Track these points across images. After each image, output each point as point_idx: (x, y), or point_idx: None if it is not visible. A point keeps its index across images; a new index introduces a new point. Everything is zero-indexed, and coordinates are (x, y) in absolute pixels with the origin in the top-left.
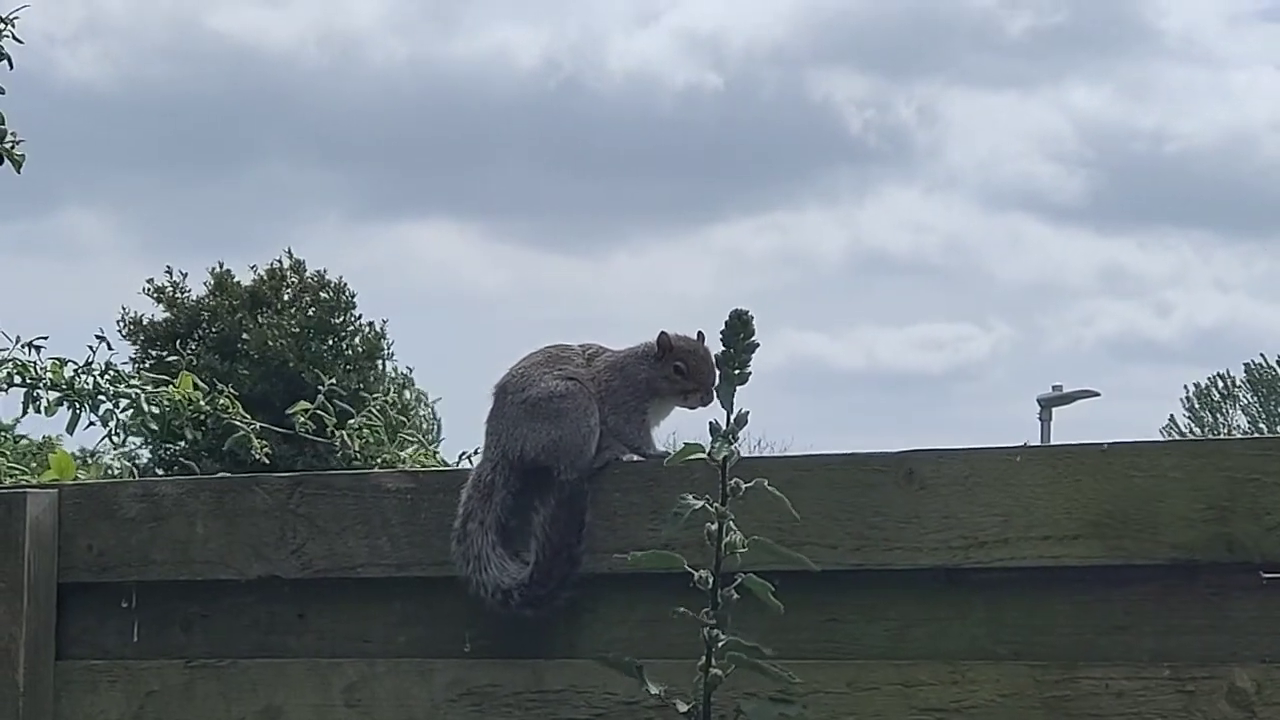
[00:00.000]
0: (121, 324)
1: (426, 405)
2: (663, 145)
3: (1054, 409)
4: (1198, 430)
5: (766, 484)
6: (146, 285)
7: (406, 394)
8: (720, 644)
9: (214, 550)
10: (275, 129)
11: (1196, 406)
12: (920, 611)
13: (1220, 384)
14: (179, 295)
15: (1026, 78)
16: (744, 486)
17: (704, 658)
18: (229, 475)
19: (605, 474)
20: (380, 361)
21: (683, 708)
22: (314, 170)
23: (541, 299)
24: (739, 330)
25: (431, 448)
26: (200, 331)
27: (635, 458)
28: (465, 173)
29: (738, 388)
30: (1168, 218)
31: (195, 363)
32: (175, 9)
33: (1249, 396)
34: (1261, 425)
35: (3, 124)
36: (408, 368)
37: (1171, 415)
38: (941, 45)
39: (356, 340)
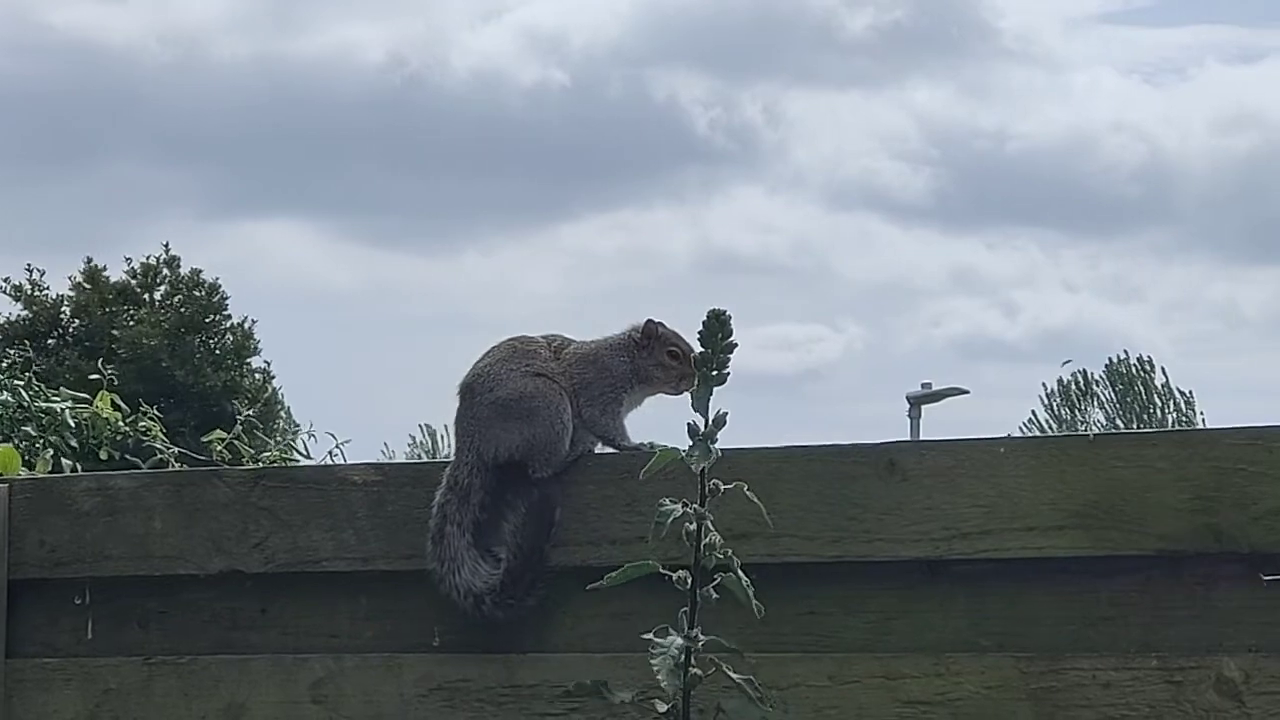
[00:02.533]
0: None
1: (282, 405)
2: (510, 143)
3: (923, 406)
4: (1054, 427)
5: (746, 489)
6: (3, 283)
7: (270, 389)
8: (700, 644)
9: (173, 545)
10: (120, 126)
11: (1057, 403)
12: (902, 604)
13: (1079, 381)
14: (38, 293)
15: (869, 77)
16: (723, 488)
17: (683, 658)
18: (188, 469)
19: (579, 467)
20: (248, 360)
21: (662, 708)
22: (161, 168)
23: (394, 298)
24: (717, 330)
25: (290, 441)
26: (60, 330)
27: (609, 450)
28: (314, 171)
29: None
30: (1012, 217)
31: (60, 363)
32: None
33: (1107, 393)
34: (1118, 421)
35: None
36: (266, 361)
37: (1033, 411)
38: (783, 45)
39: (228, 339)
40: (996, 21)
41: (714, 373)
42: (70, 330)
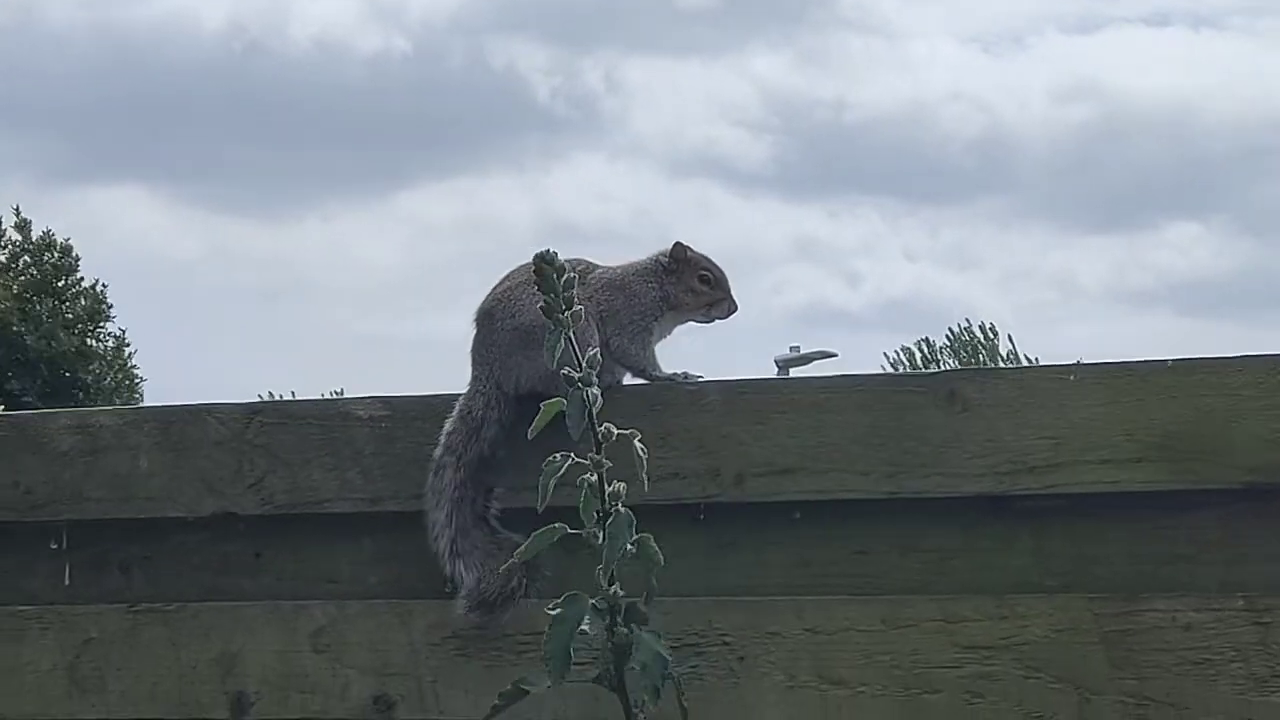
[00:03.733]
0: None
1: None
2: (351, 111)
3: (791, 370)
4: None
5: (638, 441)
6: None
7: (126, 354)
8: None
9: (159, 486)
10: None
11: (902, 370)
12: (962, 542)
13: (924, 349)
14: None
15: (709, 44)
16: (615, 433)
17: (607, 621)
18: (176, 405)
19: (606, 400)
20: (101, 325)
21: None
22: None
23: (235, 264)
24: (549, 271)
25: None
26: None
27: (639, 381)
28: (155, 137)
29: None
30: (854, 186)
31: None
32: None
33: (951, 361)
34: None
35: None
36: (121, 328)
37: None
38: (623, 12)
39: (80, 302)
40: None
41: (565, 313)
42: None
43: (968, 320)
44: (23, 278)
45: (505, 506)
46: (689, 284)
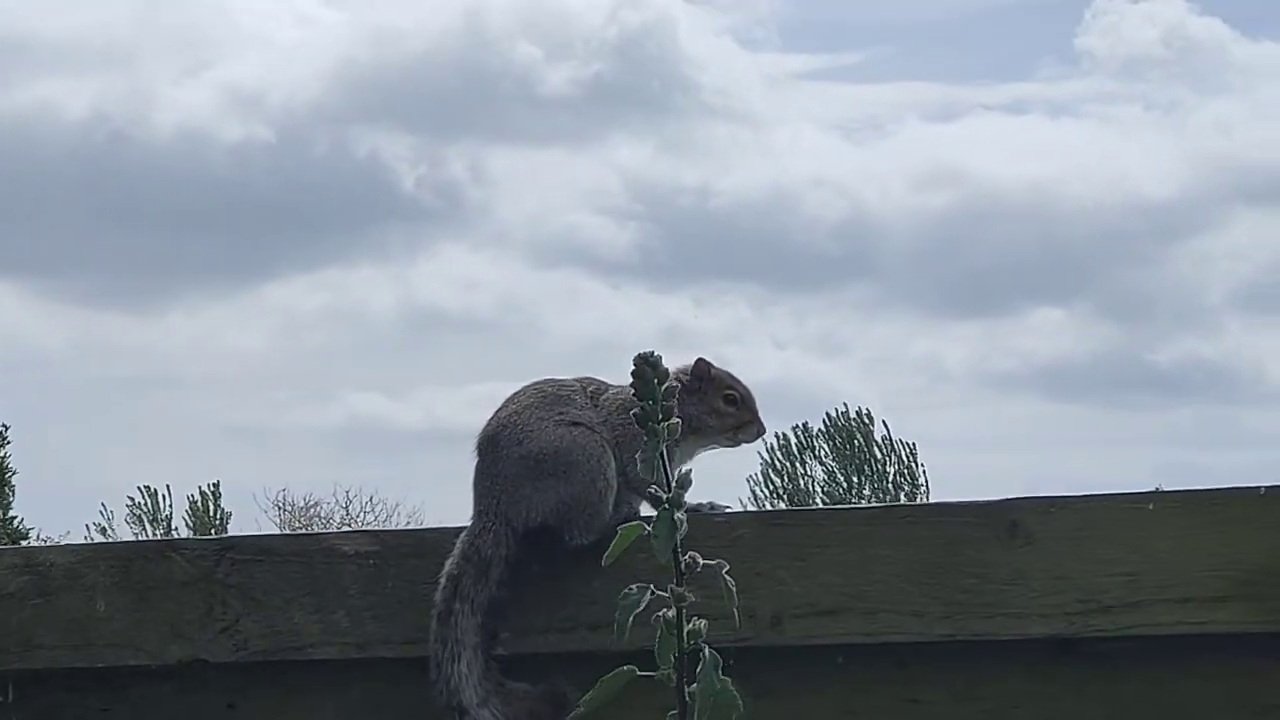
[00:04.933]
0: None
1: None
2: (216, 201)
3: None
4: (778, 481)
5: (726, 571)
6: None
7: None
8: None
9: (120, 630)
10: None
11: (779, 457)
12: (1026, 690)
13: (800, 434)
14: None
15: (571, 133)
16: (701, 562)
17: None
18: (137, 540)
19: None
20: None
21: None
22: None
23: (104, 358)
24: (650, 376)
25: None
26: None
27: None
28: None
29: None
30: (719, 273)
31: None
32: None
33: (826, 446)
34: (840, 476)
35: None
36: (4, 425)
37: (762, 465)
38: (485, 102)
39: None
40: (697, 76)
41: (660, 424)
42: None
43: (845, 404)
44: None
45: (511, 653)
46: (713, 404)
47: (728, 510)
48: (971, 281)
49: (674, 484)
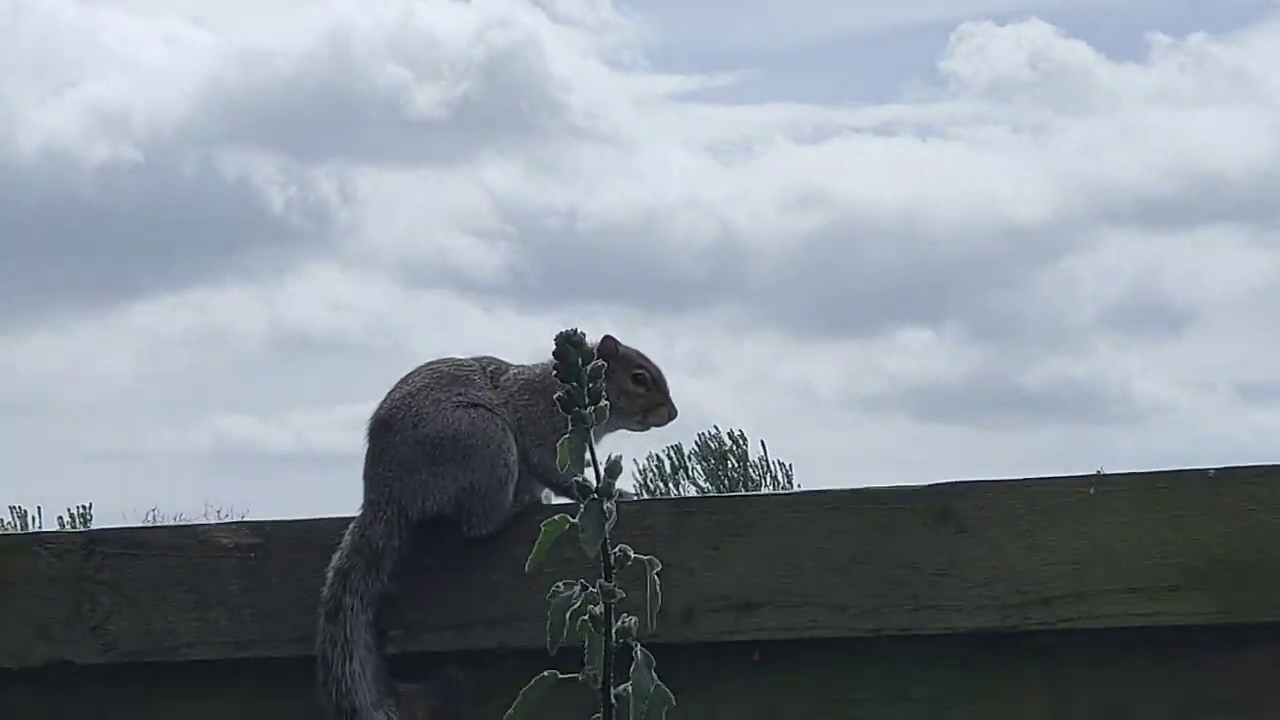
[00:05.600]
0: None
1: None
2: (82, 221)
3: None
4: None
5: (656, 572)
6: None
7: None
8: None
9: None
10: None
11: (651, 478)
12: (960, 689)
13: (673, 456)
14: None
15: (440, 154)
16: (632, 556)
17: None
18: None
19: (525, 523)
20: None
21: None
22: None
23: None
24: (574, 356)
25: None
26: None
27: (563, 500)
28: None
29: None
30: (589, 295)
31: None
32: None
33: (699, 466)
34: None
35: None
36: None
37: (635, 486)
38: (352, 123)
39: None
40: (565, 98)
41: (588, 409)
42: None
43: (716, 427)
44: None
45: (402, 650)
46: (621, 385)
47: (634, 498)
48: (841, 303)
49: (607, 472)
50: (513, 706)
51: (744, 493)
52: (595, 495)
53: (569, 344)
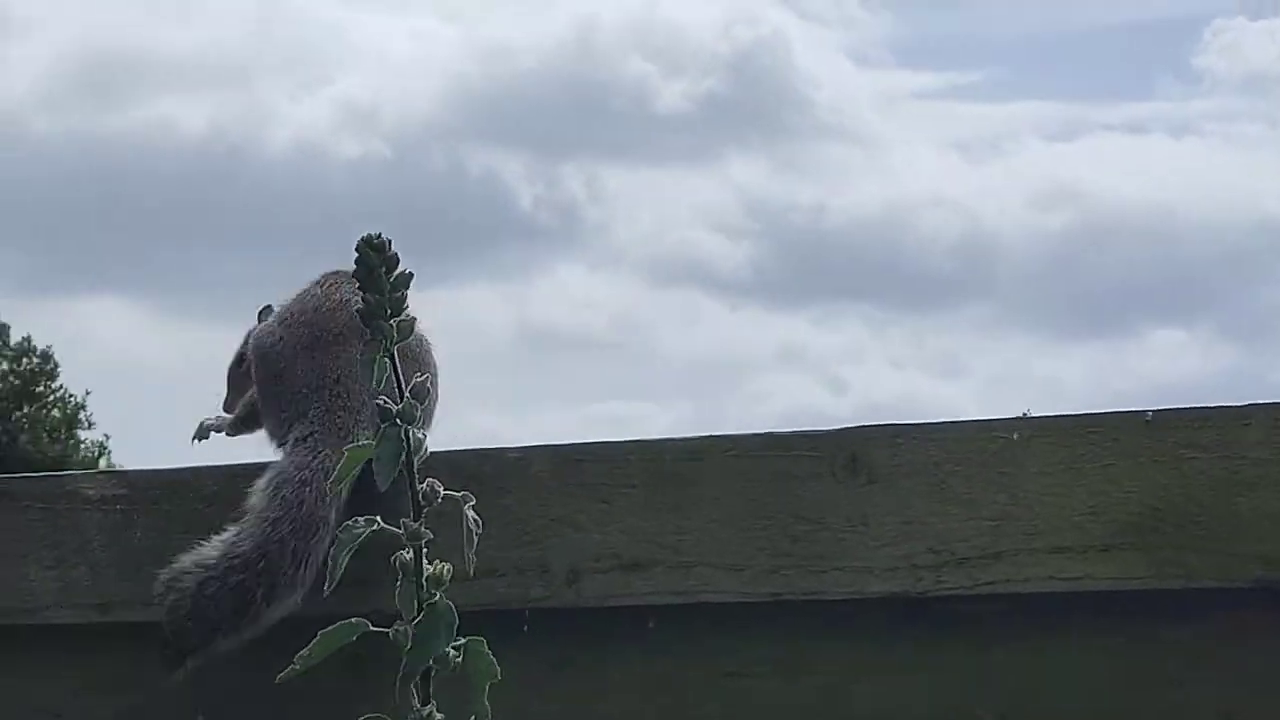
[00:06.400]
0: None
1: None
2: (331, 217)
3: None
4: None
5: (470, 507)
6: None
7: (102, 463)
8: None
9: None
10: None
11: None
12: (868, 660)
13: None
14: None
15: (687, 151)
16: (441, 491)
17: None
18: None
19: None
20: (78, 432)
21: None
22: None
23: (216, 374)
24: (378, 262)
25: None
26: None
27: None
28: (133, 246)
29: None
30: (835, 292)
31: None
32: None
33: None
34: None
35: None
36: (105, 435)
37: None
38: (601, 120)
39: (55, 411)
40: (812, 94)
41: (388, 321)
42: None
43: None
44: (2, 383)
45: None
46: None
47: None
48: (1091, 301)
49: (409, 394)
50: (306, 650)
51: (638, 438)
52: (397, 420)
53: (370, 248)
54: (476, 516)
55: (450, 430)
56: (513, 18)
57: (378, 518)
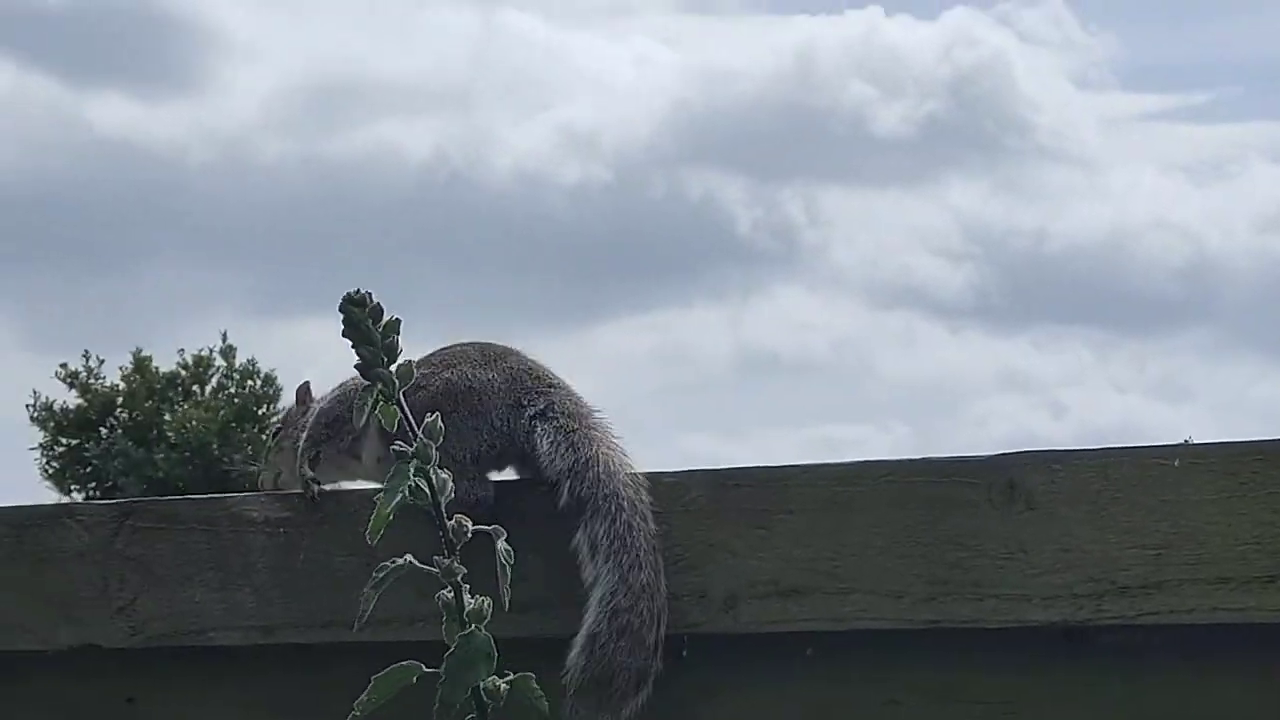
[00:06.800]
0: (32, 409)
1: None
2: (552, 241)
3: None
4: None
5: (503, 541)
6: (59, 369)
7: None
8: None
9: (7, 609)
10: (165, 225)
11: None
12: (1026, 689)
13: None
14: (93, 381)
15: (905, 174)
16: (469, 528)
17: None
18: (31, 504)
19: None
20: None
21: None
22: (204, 267)
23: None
24: (360, 317)
25: None
26: (113, 419)
27: None
28: (356, 270)
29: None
30: (1056, 316)
31: (112, 449)
32: (54, 101)
33: None
34: None
35: None
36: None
37: None
38: (819, 143)
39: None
40: (1033, 117)
41: (386, 370)
42: (120, 420)
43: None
44: (225, 405)
45: None
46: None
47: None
48: None
49: (422, 435)
50: (364, 694)
51: (792, 463)
52: (414, 458)
53: (352, 304)
54: (509, 549)
55: (665, 454)
56: (732, 42)
57: (409, 556)
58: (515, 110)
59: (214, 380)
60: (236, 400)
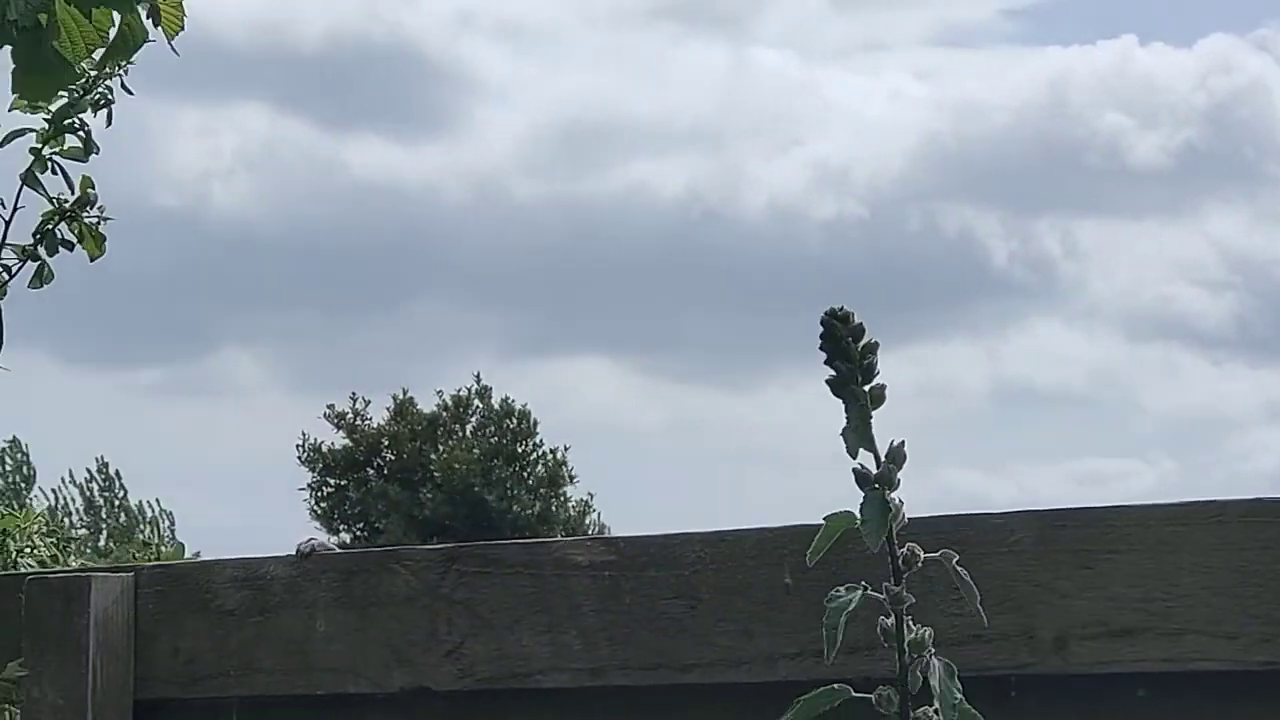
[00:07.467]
0: (301, 450)
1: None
2: (807, 277)
3: None
4: None
5: (956, 562)
6: (327, 411)
7: (588, 520)
8: None
9: (340, 653)
10: (423, 267)
11: None
12: None
13: None
14: (360, 422)
15: (1163, 204)
16: (922, 555)
17: None
18: (360, 549)
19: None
20: (564, 489)
21: None
22: (460, 308)
23: (697, 433)
24: (843, 333)
25: None
26: (379, 460)
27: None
28: (614, 307)
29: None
30: None
31: (372, 490)
32: (311, 145)
33: None
34: None
35: (92, 192)
36: (589, 493)
37: None
38: (1072, 174)
39: (539, 468)
40: None
41: (863, 387)
42: (386, 461)
43: None
44: (483, 444)
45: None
46: None
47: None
48: None
49: (886, 460)
50: (789, 713)
51: (1118, 503)
52: (875, 484)
53: (835, 319)
54: (964, 572)
55: (927, 489)
56: (985, 75)
57: (864, 583)
58: (767, 146)
59: (474, 420)
60: (494, 439)
